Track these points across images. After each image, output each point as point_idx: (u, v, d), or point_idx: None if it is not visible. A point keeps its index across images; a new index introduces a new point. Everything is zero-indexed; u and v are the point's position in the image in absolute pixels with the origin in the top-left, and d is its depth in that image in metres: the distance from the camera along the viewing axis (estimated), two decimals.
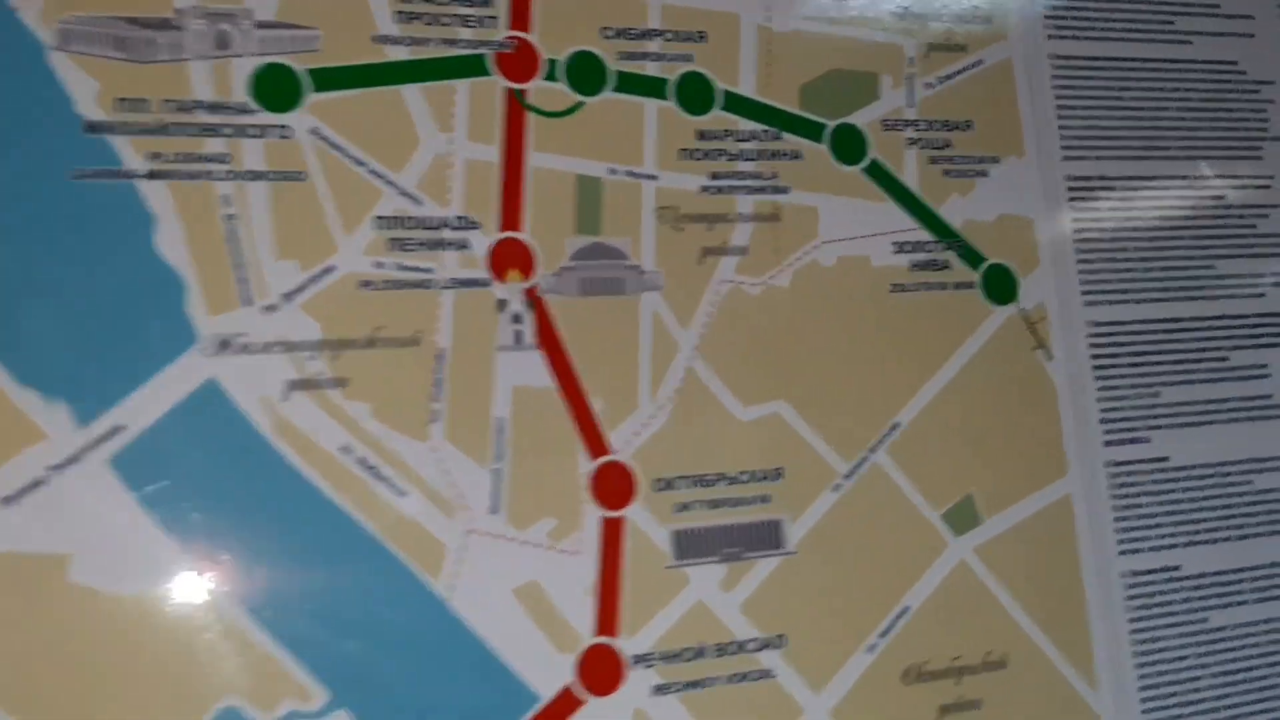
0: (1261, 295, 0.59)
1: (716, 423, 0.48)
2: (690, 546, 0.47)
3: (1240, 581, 0.56)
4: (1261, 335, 0.58)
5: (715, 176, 0.50)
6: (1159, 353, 0.56)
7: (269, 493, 0.41)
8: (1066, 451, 0.54)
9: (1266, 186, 0.60)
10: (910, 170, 0.53)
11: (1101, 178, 0.57)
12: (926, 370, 0.52)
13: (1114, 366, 0.55)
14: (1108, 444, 0.54)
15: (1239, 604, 0.55)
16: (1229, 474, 0.56)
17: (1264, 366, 0.58)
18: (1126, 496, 0.54)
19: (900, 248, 0.53)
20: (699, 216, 0.49)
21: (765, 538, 0.48)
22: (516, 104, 0.47)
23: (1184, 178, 0.58)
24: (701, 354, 0.49)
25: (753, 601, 0.47)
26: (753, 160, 0.51)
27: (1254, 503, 0.56)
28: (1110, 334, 0.55)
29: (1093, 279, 0.56)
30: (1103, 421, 0.55)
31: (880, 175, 0.53)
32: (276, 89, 0.43)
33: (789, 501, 0.49)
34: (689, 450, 0.48)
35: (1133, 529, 0.54)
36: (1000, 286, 0.54)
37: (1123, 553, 0.54)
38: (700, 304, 0.49)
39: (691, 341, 0.48)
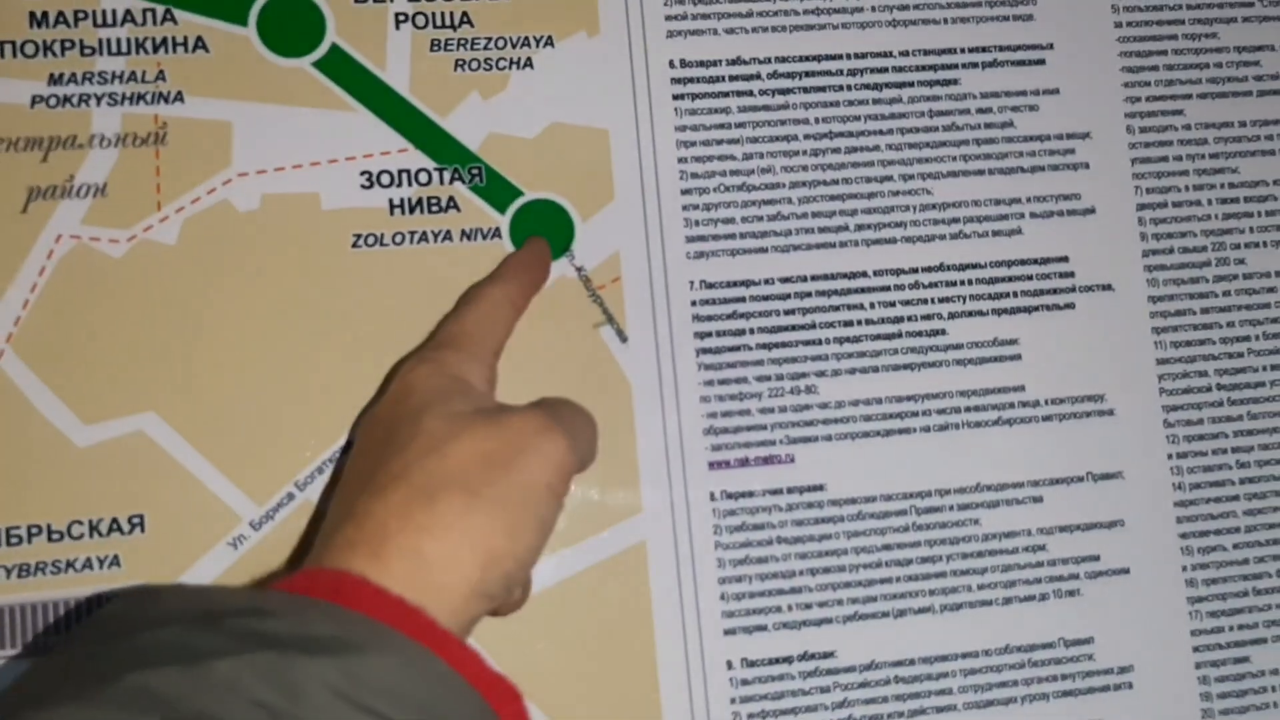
0: (1016, 232, 0.41)
1: (35, 450, 0.35)
2: None
3: (946, 675, 0.39)
4: (1011, 294, 0.41)
5: (56, 80, 0.36)
6: (814, 325, 0.39)
7: None
8: (641, 476, 0.38)
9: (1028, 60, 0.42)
10: (398, 60, 0.38)
11: (733, 61, 0.40)
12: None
13: (733, 350, 0.39)
14: (715, 466, 0.38)
15: (943, 710, 0.39)
16: (935, 510, 0.39)
17: (1012, 342, 0.40)
18: (746, 545, 0.38)
19: (374, 180, 0.38)
20: (26, 142, 0.36)
21: None
22: None
23: (860, 56, 0.41)
24: (17, 347, 0.35)
25: None
26: (123, 55, 0.36)
27: (975, 554, 0.39)
28: (728, 300, 0.39)
29: (704, 218, 0.39)
30: (710, 432, 0.38)
31: (343, 70, 0.38)
32: None
33: (155, 564, 0.35)
34: None
35: (751, 595, 0.38)
36: (542, 234, 0.38)
37: (731, 632, 0.38)
38: (21, 272, 0.35)
39: (2, 329, 0.35)
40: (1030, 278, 0.41)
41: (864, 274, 0.40)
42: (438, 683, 0.25)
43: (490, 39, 0.39)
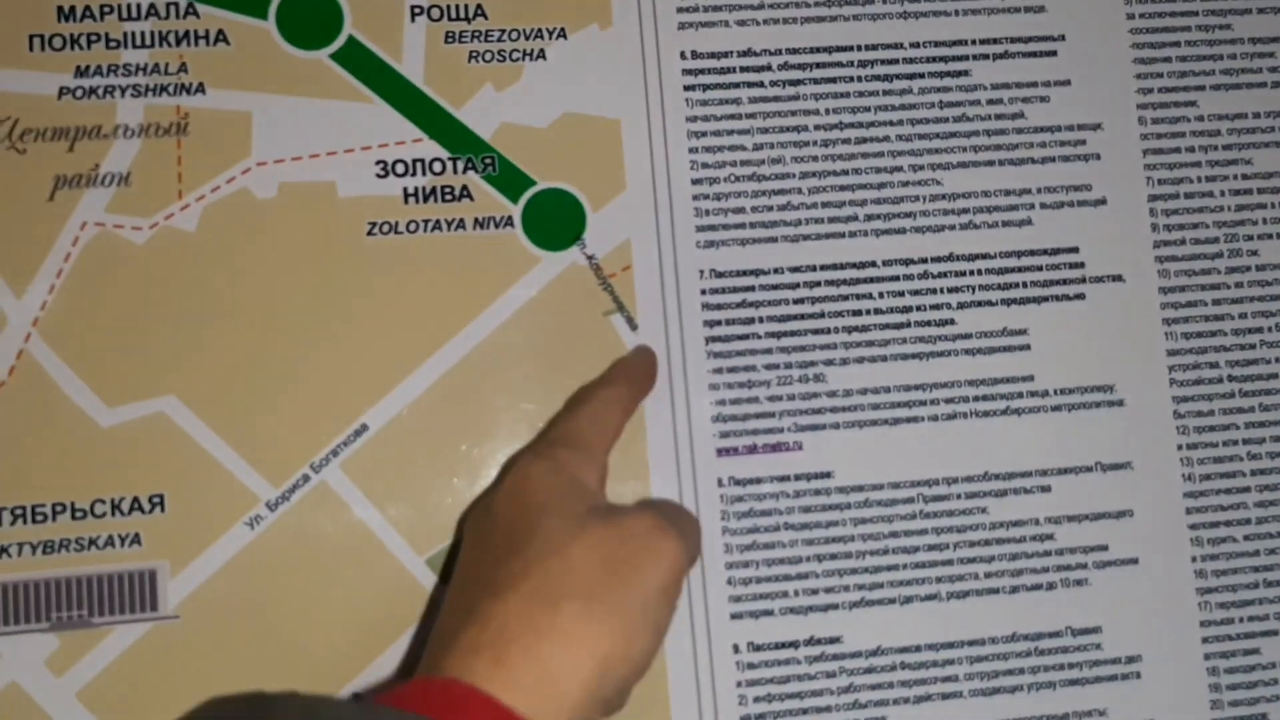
0: (1026, 223, 0.42)
1: (62, 430, 0.36)
2: (3, 609, 0.35)
3: (952, 662, 0.39)
4: (1020, 284, 0.41)
5: (82, 72, 0.37)
6: (823, 314, 0.40)
7: None
8: (650, 464, 0.39)
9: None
10: (413, 52, 0.39)
11: (744, 53, 0.41)
12: (422, 348, 0.38)
13: (742, 338, 0.40)
14: (723, 453, 0.39)
15: (949, 697, 0.39)
16: (943, 498, 0.40)
17: (1021, 332, 0.41)
18: (753, 531, 0.39)
19: (389, 169, 0.39)
20: (53, 132, 0.37)
21: (130, 596, 0.36)
22: None
23: (870, 48, 0.42)
24: (45, 333, 0.36)
25: (99, 688, 0.36)
26: (147, 48, 0.38)
27: (983, 542, 0.40)
28: (737, 289, 0.40)
29: (714, 207, 0.40)
30: (718, 419, 0.39)
31: (360, 62, 0.39)
32: None
33: (174, 543, 0.37)
34: (9, 471, 0.36)
35: (758, 581, 0.39)
36: (555, 223, 0.40)
37: (737, 616, 0.39)
38: (47, 259, 0.37)
39: (29, 314, 0.37)
40: (1040, 268, 0.42)
41: (873, 264, 0.41)
42: None
43: (504, 31, 0.40)
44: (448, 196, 0.39)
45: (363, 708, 0.27)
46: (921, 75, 0.42)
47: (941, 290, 0.41)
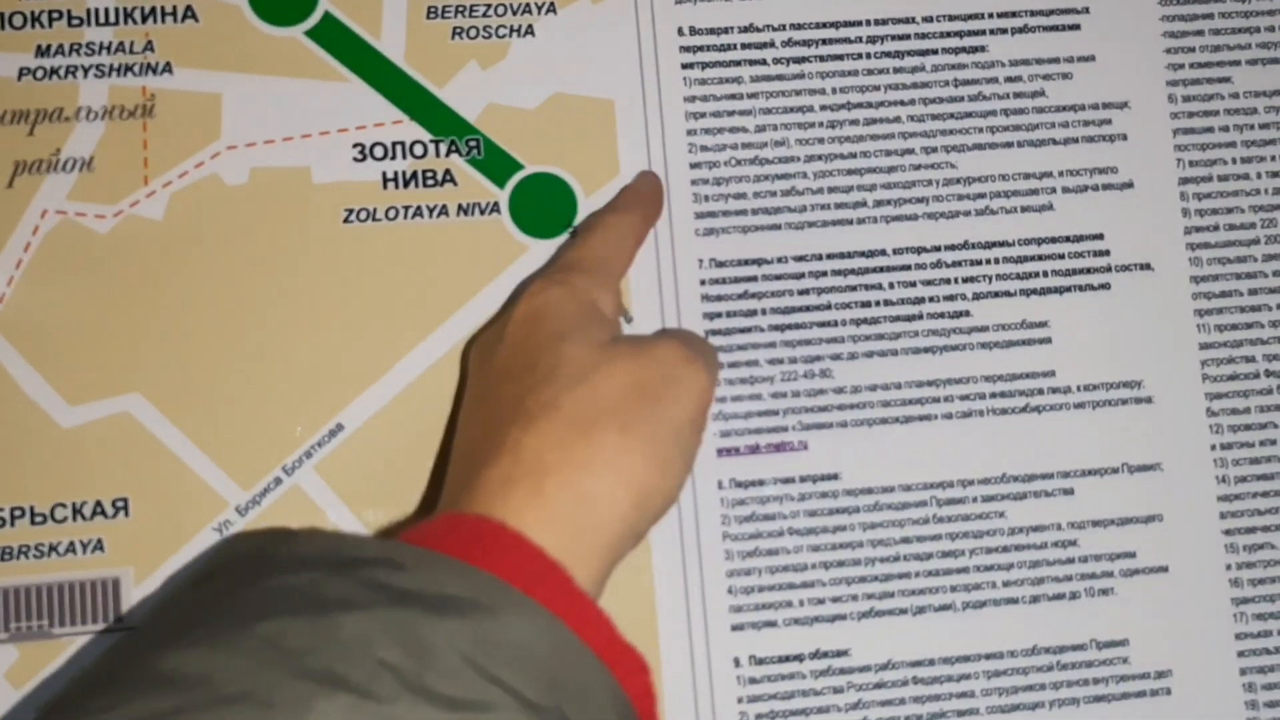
0: (1047, 208, 0.39)
1: (20, 430, 0.35)
2: None
3: (968, 677, 0.37)
4: (1041, 273, 0.39)
5: (43, 52, 0.36)
6: (830, 306, 0.38)
7: None
8: None
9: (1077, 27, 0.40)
10: (393, 29, 0.37)
11: (746, 28, 0.39)
12: (402, 343, 0.36)
13: (744, 331, 0.38)
14: (723, 453, 0.37)
15: (965, 714, 0.37)
16: (957, 501, 0.38)
17: (1042, 325, 0.39)
18: (756, 537, 0.37)
19: (367, 153, 0.37)
20: (12, 115, 0.35)
21: (92, 605, 0.34)
22: None
23: (880, 22, 0.39)
24: (2, 327, 0.35)
25: None
26: (111, 25, 0.36)
27: (1001, 549, 0.38)
28: (739, 279, 0.38)
29: (714, 193, 0.38)
30: (719, 417, 0.37)
31: (337, 39, 0.37)
32: None
33: (139, 549, 0.35)
34: None
35: (761, 589, 0.37)
36: (544, 210, 0.38)
37: (739, 628, 0.36)
38: (5, 249, 0.35)
39: None
40: (1062, 256, 0.39)
41: (883, 252, 0.38)
42: (567, 654, 0.24)
43: (489, 6, 0.38)
44: (430, 181, 0.37)
45: (387, 544, 0.26)
46: (935, 51, 0.39)
47: (956, 280, 0.39)
